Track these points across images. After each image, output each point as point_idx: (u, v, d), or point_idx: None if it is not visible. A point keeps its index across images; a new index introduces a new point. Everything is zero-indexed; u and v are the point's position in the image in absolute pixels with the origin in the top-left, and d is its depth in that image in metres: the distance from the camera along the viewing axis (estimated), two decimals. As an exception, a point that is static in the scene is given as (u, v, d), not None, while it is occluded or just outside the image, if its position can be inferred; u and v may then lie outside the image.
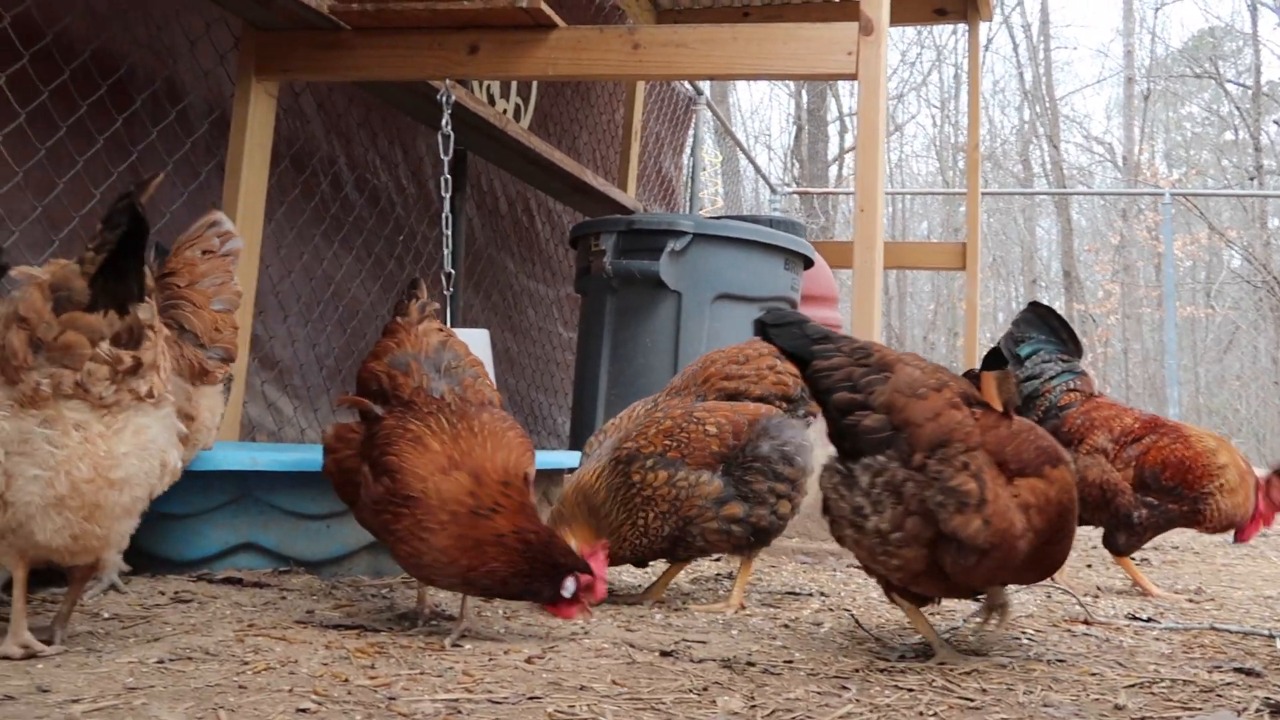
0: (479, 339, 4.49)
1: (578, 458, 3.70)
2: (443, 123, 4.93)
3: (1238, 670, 2.64)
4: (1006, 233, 30.85)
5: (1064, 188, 27.95)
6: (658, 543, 3.40)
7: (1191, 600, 4.04)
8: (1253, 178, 25.72)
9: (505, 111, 7.58)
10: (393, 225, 6.79)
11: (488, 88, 7.33)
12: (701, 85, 11.36)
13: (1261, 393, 24.40)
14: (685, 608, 3.38)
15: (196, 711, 1.97)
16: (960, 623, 3.20)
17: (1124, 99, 29.67)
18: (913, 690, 2.36)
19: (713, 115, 12.45)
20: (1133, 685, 2.47)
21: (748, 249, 5.67)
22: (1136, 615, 3.53)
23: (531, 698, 2.17)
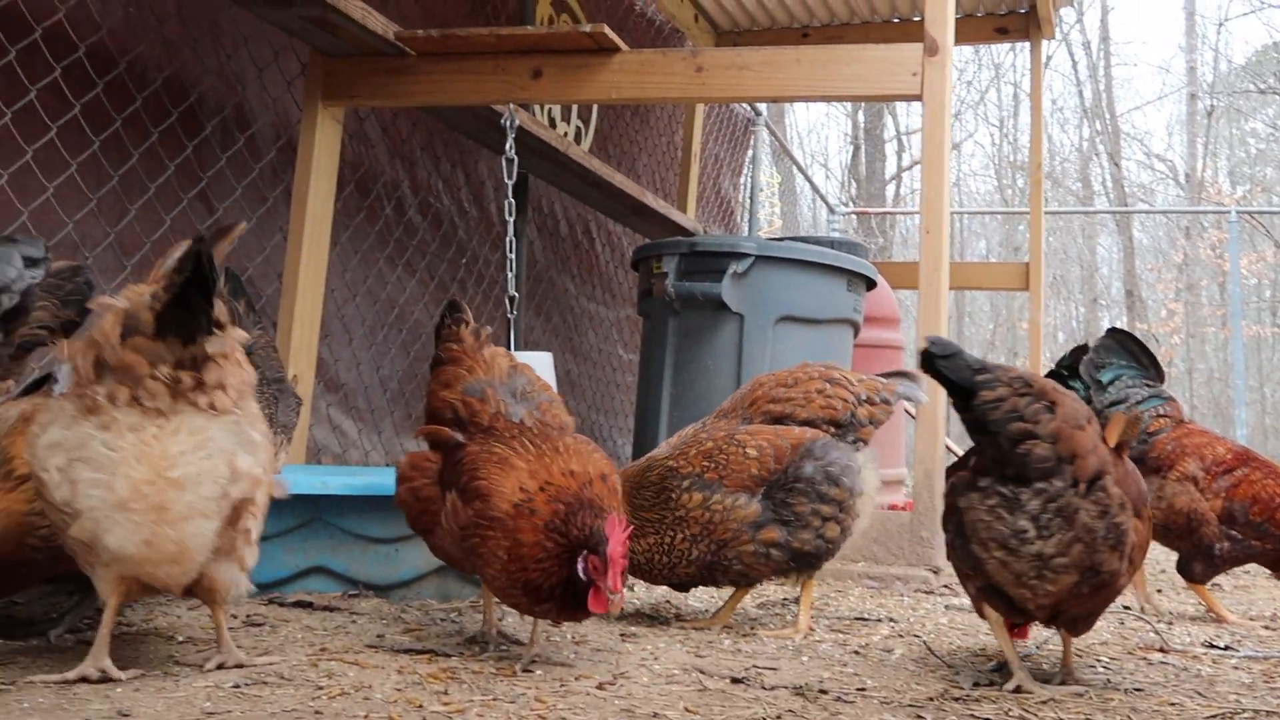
0: (542, 362, 4.50)
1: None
2: (507, 147, 4.96)
3: (1324, 701, 2.59)
4: (1066, 251, 30.56)
5: (1125, 205, 27.63)
6: (681, 564, 3.39)
7: (1268, 627, 3.95)
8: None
9: (566, 134, 7.62)
10: (455, 248, 6.84)
11: (549, 111, 7.38)
12: (760, 106, 11.35)
13: (1331, 413, 23.94)
14: (754, 633, 3.36)
15: (274, 737, 1.98)
16: (1033, 648, 3.16)
17: (1186, 115, 29.33)
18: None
19: (771, 136, 12.43)
20: (1214, 716, 2.42)
21: (810, 270, 5.64)
22: (1214, 643, 3.46)
23: (606, 725, 2.17)
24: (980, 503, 2.62)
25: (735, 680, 2.65)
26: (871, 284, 6.09)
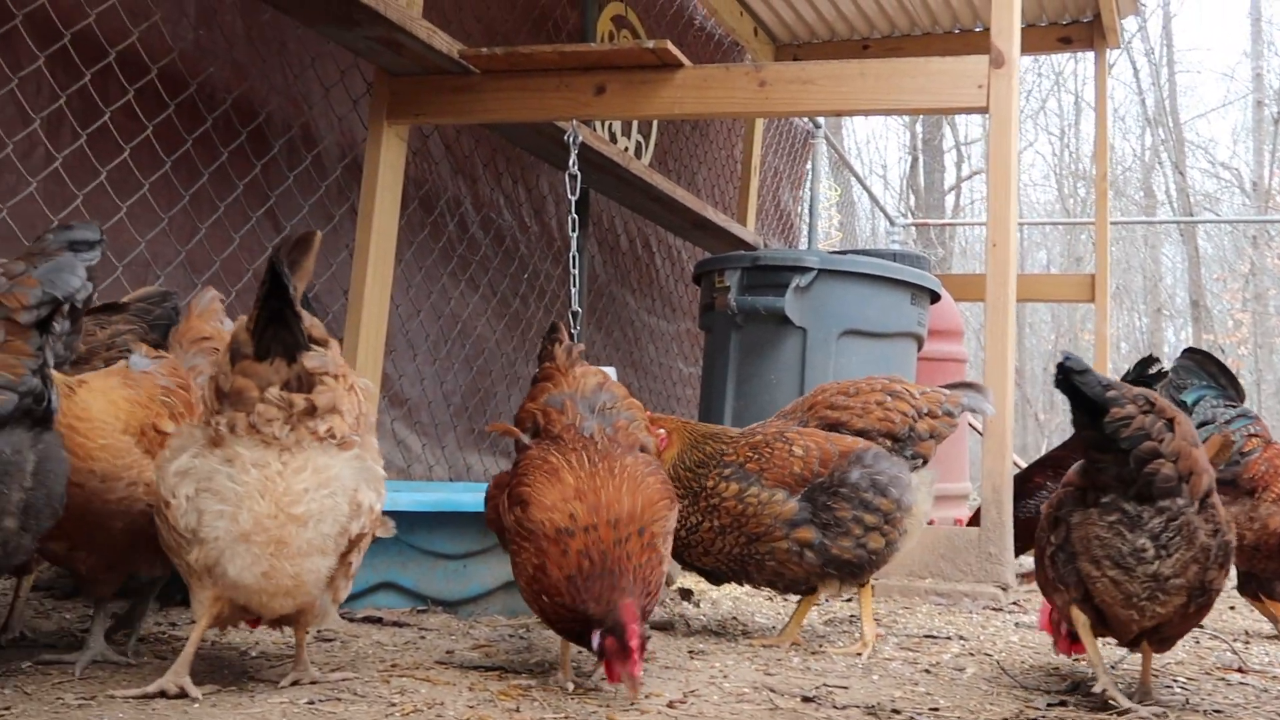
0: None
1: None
2: (570, 163, 4.99)
3: None
4: (1129, 260, 30.14)
5: (1190, 214, 27.21)
6: (699, 550, 3.41)
7: (1349, 647, 3.87)
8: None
9: (627, 149, 7.64)
10: (517, 264, 6.87)
11: (609, 126, 7.40)
12: (819, 119, 11.31)
13: (1404, 425, 23.43)
14: (823, 650, 3.33)
15: (351, 754, 1.99)
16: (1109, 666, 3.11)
17: (1253, 123, 28.85)
18: (1068, 742, 2.29)
19: (830, 148, 12.38)
20: (1300, 739, 2.37)
21: (873, 284, 5.61)
22: (1294, 663, 3.40)
23: (679, 745, 2.16)
24: (1100, 518, 2.58)
25: (806, 699, 2.63)
26: (935, 297, 6.05)
